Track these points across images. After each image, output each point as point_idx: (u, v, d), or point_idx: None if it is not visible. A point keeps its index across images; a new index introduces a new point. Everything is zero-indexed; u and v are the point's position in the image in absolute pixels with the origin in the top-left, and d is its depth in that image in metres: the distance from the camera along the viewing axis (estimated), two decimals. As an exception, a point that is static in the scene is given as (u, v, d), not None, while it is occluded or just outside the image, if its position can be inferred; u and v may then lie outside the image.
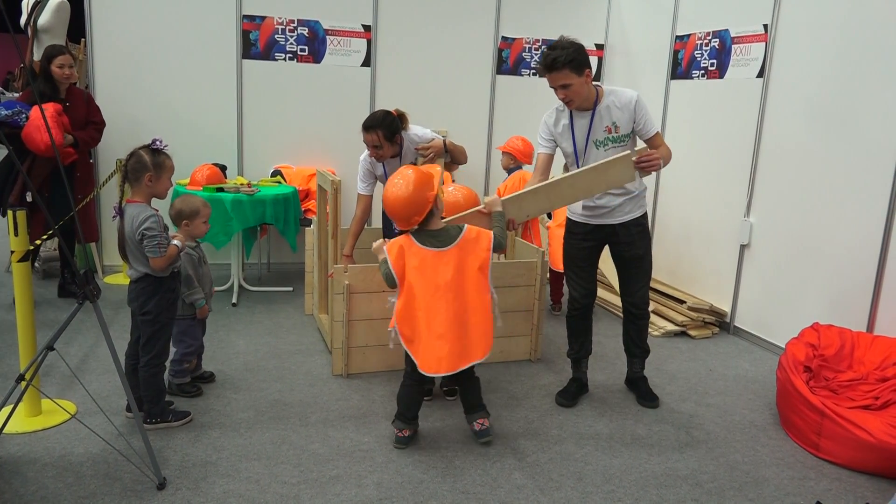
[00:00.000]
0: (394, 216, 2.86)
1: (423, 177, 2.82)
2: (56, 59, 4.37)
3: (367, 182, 3.98)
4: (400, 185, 2.79)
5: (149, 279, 2.91)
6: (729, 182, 4.75)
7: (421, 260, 2.85)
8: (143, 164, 2.83)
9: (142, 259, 2.87)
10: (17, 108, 4.26)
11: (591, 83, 3.14)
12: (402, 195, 2.78)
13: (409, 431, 3.01)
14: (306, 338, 4.28)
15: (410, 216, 2.82)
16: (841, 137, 3.95)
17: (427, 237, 2.87)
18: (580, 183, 3.09)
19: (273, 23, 5.44)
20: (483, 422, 3.01)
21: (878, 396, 3.20)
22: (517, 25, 6.02)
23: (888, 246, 3.71)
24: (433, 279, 2.83)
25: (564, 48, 3.01)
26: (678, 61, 5.28)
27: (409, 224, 2.85)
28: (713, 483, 2.84)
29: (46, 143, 4.20)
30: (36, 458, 2.75)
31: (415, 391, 3.00)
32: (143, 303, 2.92)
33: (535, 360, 4.05)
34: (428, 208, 2.82)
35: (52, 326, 4.13)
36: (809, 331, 3.63)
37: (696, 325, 4.72)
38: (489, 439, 3.02)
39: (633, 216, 3.33)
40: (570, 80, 3.02)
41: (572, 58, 3.00)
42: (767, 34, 4.44)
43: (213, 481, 2.65)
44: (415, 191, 2.77)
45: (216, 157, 5.42)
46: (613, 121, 3.17)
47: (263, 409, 3.29)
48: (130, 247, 2.87)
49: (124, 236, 2.87)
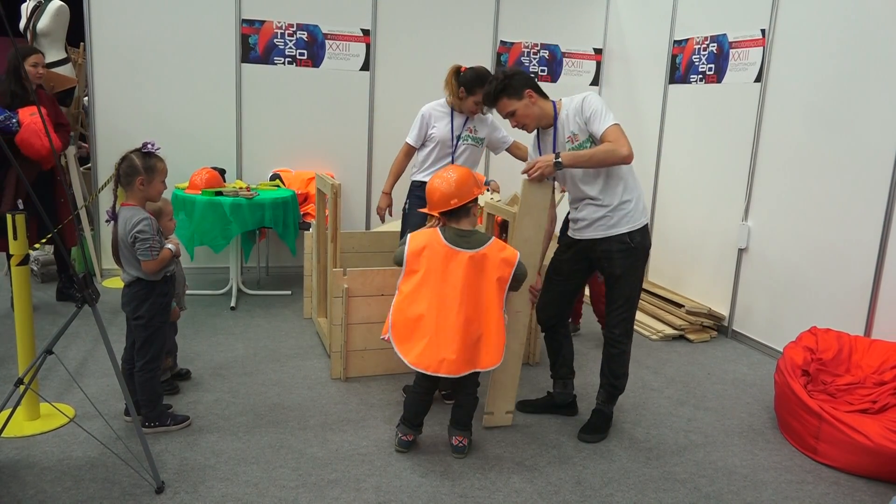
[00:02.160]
0: (436, 192, 2.90)
1: (470, 173, 2.97)
2: (30, 57, 4.30)
3: (418, 134, 3.93)
4: (456, 168, 2.96)
5: (141, 283, 2.90)
6: (727, 186, 4.77)
7: (443, 254, 2.83)
8: (134, 167, 2.82)
9: (135, 263, 2.87)
10: (8, 114, 4.19)
11: (540, 101, 3.04)
12: (454, 174, 2.91)
13: (412, 436, 3.00)
14: (305, 341, 4.28)
15: (450, 197, 2.86)
16: (838, 142, 3.97)
17: (453, 234, 2.86)
18: (523, 222, 3.05)
19: (272, 27, 5.46)
20: (462, 440, 2.98)
21: (875, 400, 3.21)
22: (516, 29, 6.04)
23: (886, 250, 3.72)
24: (449, 276, 2.81)
25: (494, 79, 3.06)
26: (676, 66, 5.30)
27: (446, 206, 2.87)
28: (711, 487, 2.84)
29: (47, 148, 4.18)
30: (34, 462, 2.75)
31: (423, 398, 2.98)
32: (136, 307, 2.92)
33: (534, 364, 4.06)
34: (469, 199, 2.89)
35: (50, 330, 4.13)
36: (807, 335, 3.64)
37: (695, 329, 4.72)
38: (463, 457, 2.97)
39: (615, 231, 3.02)
40: (513, 107, 3.01)
41: (504, 86, 3.00)
42: (765, 39, 4.46)
43: (211, 485, 2.65)
44: (467, 176, 2.92)
45: (215, 160, 5.43)
46: (572, 130, 3.02)
47: (262, 412, 3.29)
48: (124, 251, 2.87)
49: (118, 240, 2.87)
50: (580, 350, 4.26)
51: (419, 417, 3.01)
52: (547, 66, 6.19)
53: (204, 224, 4.63)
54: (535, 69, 6.15)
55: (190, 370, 3.66)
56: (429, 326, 2.81)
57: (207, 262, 5.60)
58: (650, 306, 5.02)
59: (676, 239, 5.29)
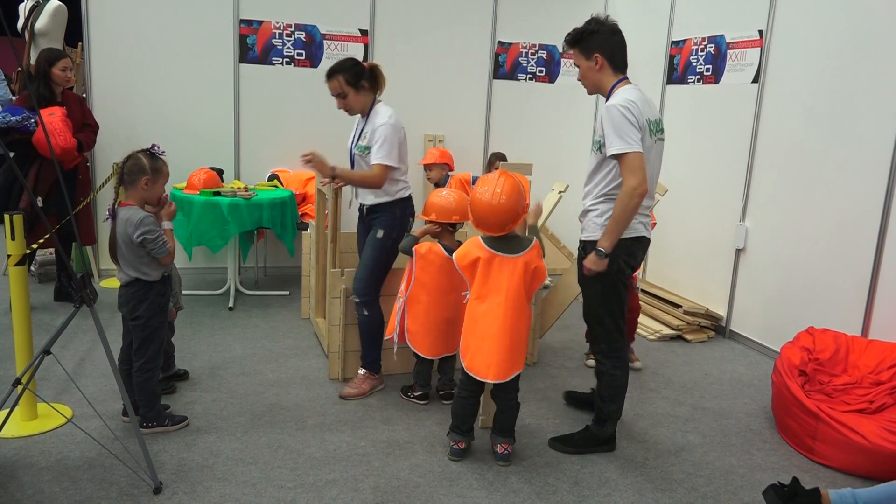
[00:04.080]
0: (487, 223, 2.78)
1: (517, 184, 2.82)
2: (58, 62, 4.39)
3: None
4: (497, 193, 2.74)
5: (139, 283, 2.91)
6: (724, 186, 4.78)
7: (486, 262, 2.81)
8: (140, 167, 2.84)
9: (133, 262, 2.88)
10: (26, 114, 4.25)
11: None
12: (502, 203, 2.74)
13: (464, 444, 2.97)
14: (303, 342, 4.28)
15: (506, 223, 2.78)
16: (835, 142, 3.98)
17: (495, 241, 2.83)
18: None
19: (270, 27, 5.46)
20: (507, 447, 2.95)
21: (872, 400, 3.22)
22: (514, 30, 6.05)
23: (882, 250, 3.73)
24: (493, 283, 2.81)
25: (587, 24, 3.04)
26: (674, 66, 5.31)
27: (504, 231, 2.80)
28: (708, 487, 2.85)
29: (62, 147, 4.23)
30: (32, 462, 2.75)
31: (471, 402, 2.95)
32: (134, 307, 2.93)
33: (532, 365, 4.06)
34: (523, 216, 2.83)
35: (47, 330, 4.13)
36: (805, 335, 3.64)
37: (692, 329, 4.73)
38: (508, 464, 2.94)
39: (587, 236, 2.90)
40: (579, 63, 2.99)
41: (581, 36, 3.00)
42: (762, 40, 4.47)
43: (209, 485, 2.65)
44: (515, 197, 2.76)
45: (213, 160, 5.43)
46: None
47: (259, 412, 3.29)
48: (122, 250, 2.88)
49: (116, 239, 2.87)
50: (557, 338, 4.25)
51: (468, 422, 2.97)
52: (545, 66, 6.20)
53: (202, 224, 4.63)
54: (532, 70, 6.16)
55: (188, 370, 3.65)
56: (472, 329, 2.84)
57: (205, 263, 5.60)
58: (648, 306, 5.03)
59: (674, 239, 5.30)
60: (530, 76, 6.16)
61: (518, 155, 5.59)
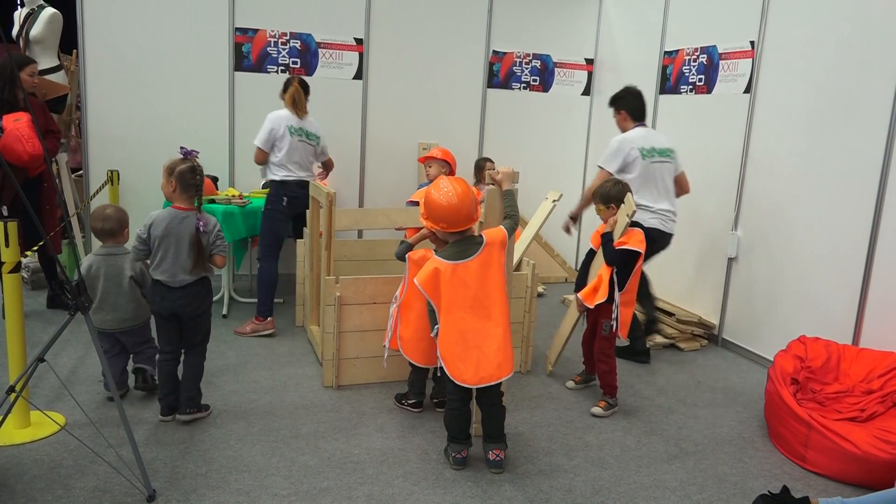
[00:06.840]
0: (459, 216, 2.86)
1: (463, 180, 3.00)
2: (27, 67, 4.38)
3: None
4: (458, 188, 2.89)
5: (205, 280, 3.18)
6: (716, 196, 4.81)
7: (450, 275, 2.83)
8: (203, 177, 3.28)
9: (203, 262, 3.11)
10: None
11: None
12: (466, 194, 2.89)
13: (465, 451, 2.97)
14: (297, 349, 4.28)
15: (472, 214, 2.89)
16: (826, 152, 4.01)
17: (450, 251, 2.87)
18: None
19: (265, 35, 5.47)
20: (499, 453, 2.95)
21: (863, 408, 3.24)
22: (508, 40, 6.08)
23: (873, 259, 3.76)
24: (462, 291, 2.82)
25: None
26: (667, 76, 5.35)
27: (472, 220, 2.89)
28: (701, 495, 2.86)
29: (30, 154, 4.14)
30: (25, 471, 2.74)
31: (461, 412, 2.96)
32: (199, 304, 3.17)
33: (525, 372, 4.07)
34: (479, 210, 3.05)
35: (40, 337, 4.11)
36: (797, 343, 3.67)
37: (685, 338, 4.75)
38: (501, 471, 2.95)
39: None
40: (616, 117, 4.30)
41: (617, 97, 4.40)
42: (754, 50, 4.52)
43: (203, 493, 2.65)
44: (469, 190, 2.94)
45: (208, 168, 5.31)
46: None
47: (253, 420, 3.29)
48: (192, 252, 3.06)
49: (193, 242, 3.06)
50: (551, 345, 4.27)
51: (465, 431, 2.98)
52: (539, 75, 6.24)
53: (196, 232, 4.62)
54: (526, 79, 6.20)
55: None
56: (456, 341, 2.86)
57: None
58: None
59: (667, 248, 5.31)
60: (524, 85, 6.20)
61: (512, 164, 5.59)
